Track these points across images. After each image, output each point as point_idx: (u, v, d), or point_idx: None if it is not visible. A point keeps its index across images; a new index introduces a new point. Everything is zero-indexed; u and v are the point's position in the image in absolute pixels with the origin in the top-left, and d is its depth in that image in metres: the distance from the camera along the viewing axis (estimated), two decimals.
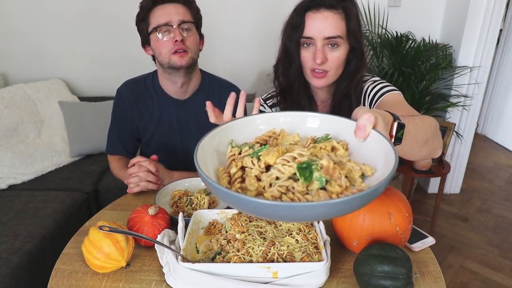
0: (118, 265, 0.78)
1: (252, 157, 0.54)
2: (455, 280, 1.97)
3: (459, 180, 2.80)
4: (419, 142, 0.70)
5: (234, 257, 0.74)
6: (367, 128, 0.52)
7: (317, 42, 0.96)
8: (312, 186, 0.49)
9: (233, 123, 0.62)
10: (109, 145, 1.38)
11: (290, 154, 0.52)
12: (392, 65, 2.37)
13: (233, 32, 2.52)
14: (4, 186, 1.95)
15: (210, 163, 0.55)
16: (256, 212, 0.44)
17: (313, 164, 0.49)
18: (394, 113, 0.61)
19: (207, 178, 0.46)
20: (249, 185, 0.51)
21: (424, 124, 0.74)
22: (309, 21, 0.96)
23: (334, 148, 0.56)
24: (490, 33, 2.35)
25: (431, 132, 0.75)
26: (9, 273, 1.34)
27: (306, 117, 0.62)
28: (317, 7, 0.95)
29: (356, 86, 1.04)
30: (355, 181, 0.51)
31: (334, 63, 0.98)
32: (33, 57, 2.56)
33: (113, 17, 2.47)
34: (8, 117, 2.10)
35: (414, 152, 0.72)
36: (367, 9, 2.45)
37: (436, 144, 0.78)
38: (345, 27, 0.96)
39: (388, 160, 0.48)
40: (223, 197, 0.45)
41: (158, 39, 1.17)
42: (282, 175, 0.50)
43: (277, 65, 1.09)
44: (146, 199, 1.12)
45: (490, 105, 3.85)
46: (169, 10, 1.14)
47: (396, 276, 0.68)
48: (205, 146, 0.55)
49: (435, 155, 0.81)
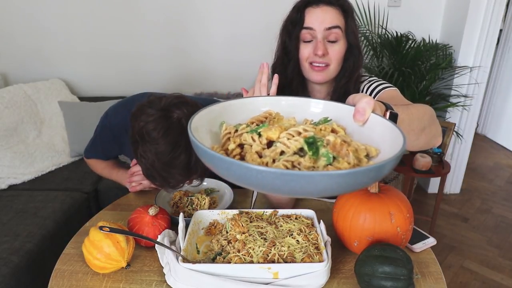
0: (119, 265, 0.78)
1: (251, 134, 0.50)
2: (455, 280, 1.97)
3: (459, 180, 2.80)
4: (415, 131, 0.70)
5: (235, 257, 0.74)
6: (367, 112, 0.52)
7: (318, 34, 0.98)
8: (318, 163, 0.45)
9: (233, 102, 0.58)
10: (91, 154, 1.27)
11: (295, 129, 0.48)
12: (392, 65, 2.37)
13: (233, 32, 2.52)
14: (4, 186, 1.95)
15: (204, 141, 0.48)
16: (265, 184, 0.38)
17: (319, 140, 0.46)
18: (386, 103, 0.60)
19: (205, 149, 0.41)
20: (250, 161, 0.47)
21: (419, 112, 0.72)
22: (309, 15, 0.98)
23: (334, 130, 0.53)
24: (490, 33, 2.35)
25: (427, 119, 0.74)
26: (9, 273, 1.34)
27: (309, 102, 0.60)
28: (317, 3, 0.98)
29: (355, 83, 1.06)
30: (360, 161, 0.47)
31: (335, 56, 1.00)
32: (33, 57, 2.55)
33: (113, 17, 2.47)
34: (8, 117, 2.10)
35: (410, 141, 0.70)
36: (367, 9, 2.45)
37: (434, 132, 0.77)
38: (344, 22, 0.99)
39: (394, 138, 0.46)
40: (226, 169, 0.40)
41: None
42: (288, 149, 0.46)
43: (275, 64, 1.10)
44: (147, 199, 1.12)
45: (490, 105, 3.85)
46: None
47: (397, 277, 0.68)
48: (198, 123, 0.50)
49: (435, 143, 0.79)
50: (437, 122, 0.80)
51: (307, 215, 0.89)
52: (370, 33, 2.45)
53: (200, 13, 2.39)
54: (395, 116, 0.58)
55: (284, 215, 0.90)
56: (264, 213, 0.91)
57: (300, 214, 0.90)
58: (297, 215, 0.89)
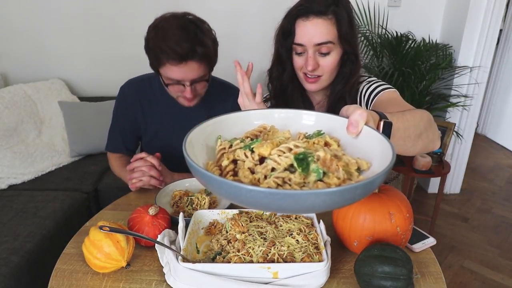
0: (119, 265, 0.78)
1: (244, 150, 0.52)
2: (455, 280, 1.97)
3: (459, 180, 2.80)
4: (411, 137, 0.70)
5: (235, 257, 0.74)
6: (360, 124, 0.52)
7: (308, 49, 0.96)
8: (309, 178, 0.47)
9: (227, 116, 0.60)
10: (110, 142, 1.37)
11: (286, 145, 0.50)
12: (392, 65, 2.37)
13: (233, 32, 2.52)
14: (4, 186, 1.95)
15: (199, 157, 0.52)
16: (254, 202, 0.40)
17: (310, 156, 0.48)
18: (380, 112, 0.61)
19: (198, 168, 0.43)
20: (242, 177, 0.48)
21: (415, 118, 0.73)
22: (299, 29, 0.96)
23: (327, 143, 0.54)
24: (490, 33, 2.35)
25: (423, 125, 0.74)
26: (9, 273, 1.34)
27: (301, 114, 0.61)
28: (306, 15, 0.94)
29: (351, 88, 1.04)
30: (351, 175, 0.49)
31: (326, 69, 0.99)
32: (33, 57, 2.55)
33: (113, 17, 2.47)
34: (8, 117, 2.10)
35: (407, 148, 0.71)
36: (367, 9, 2.45)
37: (432, 137, 0.77)
38: (336, 32, 0.96)
39: (384, 153, 0.47)
40: (217, 187, 0.42)
41: (169, 86, 1.15)
42: (278, 166, 0.48)
43: (271, 70, 1.11)
44: (147, 199, 1.12)
45: (490, 105, 3.85)
46: (183, 70, 1.09)
47: (396, 276, 0.68)
48: (193, 139, 0.52)
49: (433, 147, 0.79)
50: (435, 126, 0.79)
51: (307, 215, 0.89)
52: (370, 33, 2.45)
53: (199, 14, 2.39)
54: (390, 124, 0.59)
55: (284, 214, 0.90)
56: (264, 213, 0.91)
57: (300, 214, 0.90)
58: (296, 215, 0.89)
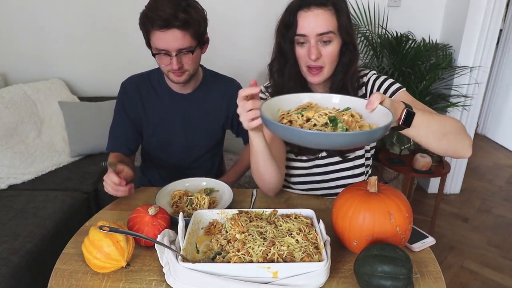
0: (118, 265, 0.78)
1: (297, 114, 0.76)
2: (455, 280, 1.97)
3: (459, 180, 2.80)
4: (435, 133, 0.84)
5: (234, 257, 0.74)
6: (375, 103, 0.73)
7: (311, 39, 0.99)
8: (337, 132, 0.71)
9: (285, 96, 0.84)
10: (111, 141, 1.37)
11: (323, 111, 0.75)
12: (392, 65, 2.37)
13: (233, 32, 2.52)
14: (4, 186, 1.95)
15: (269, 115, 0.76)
16: (306, 140, 0.67)
17: (338, 118, 0.73)
18: (407, 104, 0.79)
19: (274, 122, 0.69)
20: None
21: (441, 118, 0.87)
22: (301, 20, 0.99)
23: (352, 115, 0.75)
24: (490, 33, 2.35)
25: (450, 127, 0.87)
26: (9, 273, 1.34)
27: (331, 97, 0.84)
28: (308, 6, 0.98)
29: (351, 77, 1.07)
30: None
31: (328, 58, 1.01)
32: (33, 57, 2.55)
33: (113, 17, 2.47)
34: (8, 117, 2.10)
35: (431, 142, 0.85)
36: (367, 9, 2.45)
37: (462, 144, 0.89)
38: (336, 22, 0.99)
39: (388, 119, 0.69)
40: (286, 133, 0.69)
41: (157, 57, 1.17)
42: (318, 122, 0.73)
43: (271, 64, 1.12)
44: (146, 199, 1.12)
45: (490, 105, 3.85)
46: (168, 37, 1.10)
47: (396, 276, 0.68)
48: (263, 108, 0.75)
49: (463, 153, 0.91)
50: (466, 134, 0.91)
51: (306, 215, 0.90)
52: (370, 33, 2.45)
53: None
54: (412, 114, 0.77)
55: (283, 214, 0.90)
56: (263, 213, 0.91)
57: (300, 213, 0.90)
58: (296, 215, 0.89)
